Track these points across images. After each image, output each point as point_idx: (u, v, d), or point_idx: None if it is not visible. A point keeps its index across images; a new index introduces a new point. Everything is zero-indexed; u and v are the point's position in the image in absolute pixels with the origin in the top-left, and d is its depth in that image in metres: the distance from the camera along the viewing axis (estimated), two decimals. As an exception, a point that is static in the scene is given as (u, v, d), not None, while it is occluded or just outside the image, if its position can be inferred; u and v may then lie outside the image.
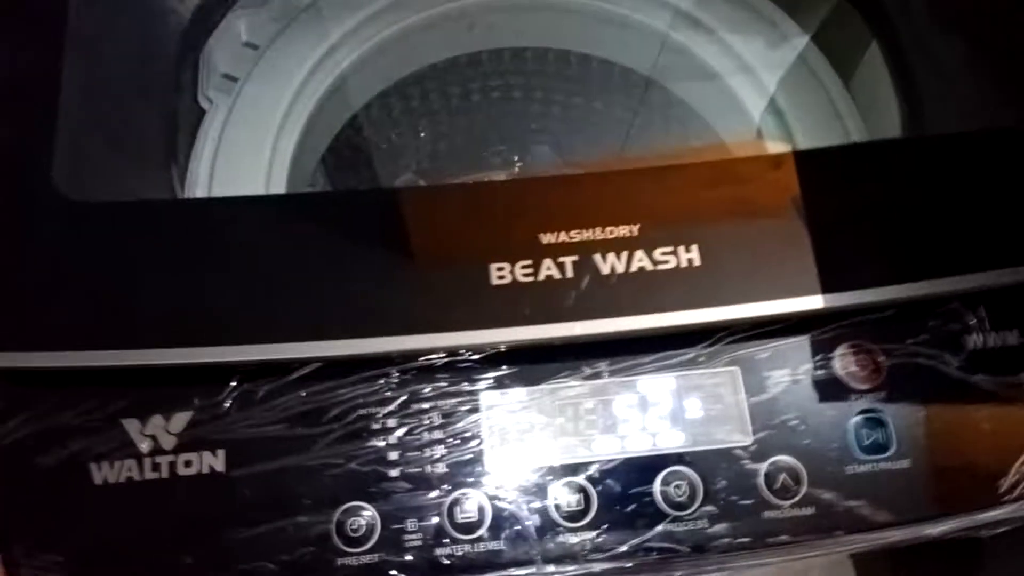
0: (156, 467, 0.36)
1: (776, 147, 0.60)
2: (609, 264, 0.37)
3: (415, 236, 0.38)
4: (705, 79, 0.67)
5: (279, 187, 0.56)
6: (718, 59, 0.66)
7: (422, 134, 0.81)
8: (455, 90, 0.79)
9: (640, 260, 0.37)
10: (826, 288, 0.37)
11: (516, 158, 0.80)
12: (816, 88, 0.63)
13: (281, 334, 0.36)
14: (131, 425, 0.37)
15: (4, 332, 0.36)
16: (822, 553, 0.39)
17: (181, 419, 0.37)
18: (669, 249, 0.37)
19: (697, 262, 0.37)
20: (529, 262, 0.37)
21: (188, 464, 0.36)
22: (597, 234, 0.38)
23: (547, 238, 0.38)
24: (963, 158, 0.41)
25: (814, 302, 0.37)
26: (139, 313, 0.36)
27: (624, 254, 0.37)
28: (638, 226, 0.38)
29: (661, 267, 0.37)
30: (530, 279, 0.37)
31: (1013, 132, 0.42)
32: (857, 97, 0.61)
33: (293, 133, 0.61)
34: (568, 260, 0.37)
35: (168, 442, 0.37)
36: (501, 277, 0.37)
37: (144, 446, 0.36)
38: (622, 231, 0.38)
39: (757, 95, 0.65)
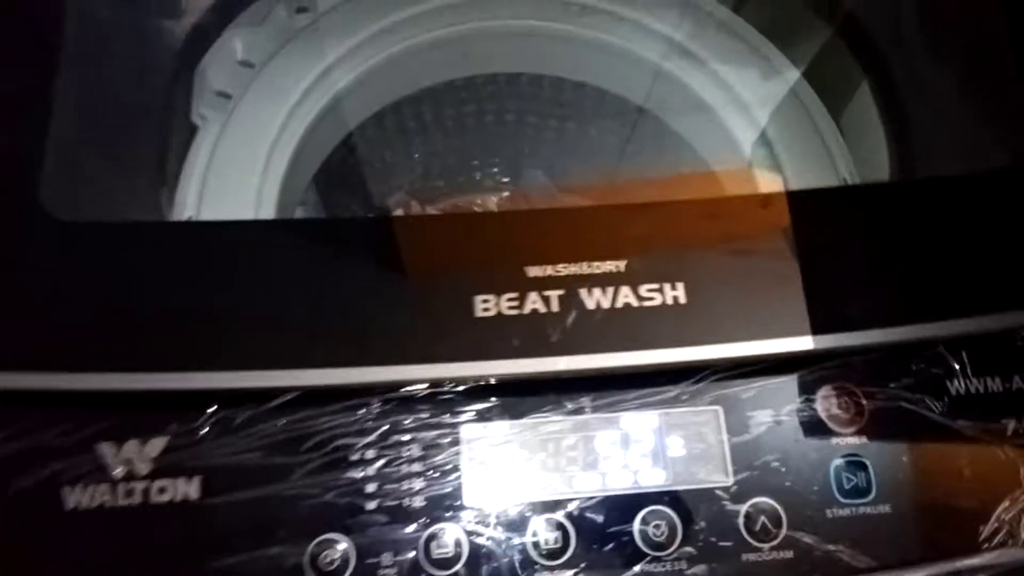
0: (129, 493, 0.36)
1: (765, 179, 0.60)
2: (595, 299, 0.37)
3: (400, 265, 0.38)
4: (697, 111, 0.67)
5: (269, 206, 0.56)
6: (710, 91, 0.67)
7: (415, 155, 0.81)
8: (449, 112, 0.80)
9: (626, 296, 0.37)
10: (811, 330, 0.37)
11: (508, 180, 0.81)
12: (806, 123, 0.63)
13: (262, 362, 0.36)
14: (107, 449, 0.36)
15: (-19, 351, 0.36)
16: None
17: (157, 444, 0.36)
18: (655, 286, 0.37)
19: (683, 300, 0.37)
20: (515, 295, 0.37)
21: (162, 491, 0.36)
22: (584, 268, 0.38)
23: (533, 271, 0.38)
24: (951, 203, 0.41)
25: (799, 343, 0.37)
26: (120, 337, 0.36)
27: (610, 290, 0.37)
28: (625, 262, 0.38)
29: (647, 304, 0.37)
30: (515, 312, 0.37)
31: (1001, 176, 0.42)
32: (847, 132, 0.61)
33: (286, 152, 0.61)
34: (554, 294, 0.37)
35: (143, 467, 0.36)
36: (486, 310, 0.37)
37: (118, 471, 0.36)
38: (609, 266, 0.38)
39: (748, 127, 0.65)
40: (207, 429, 0.37)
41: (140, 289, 0.37)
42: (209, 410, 0.37)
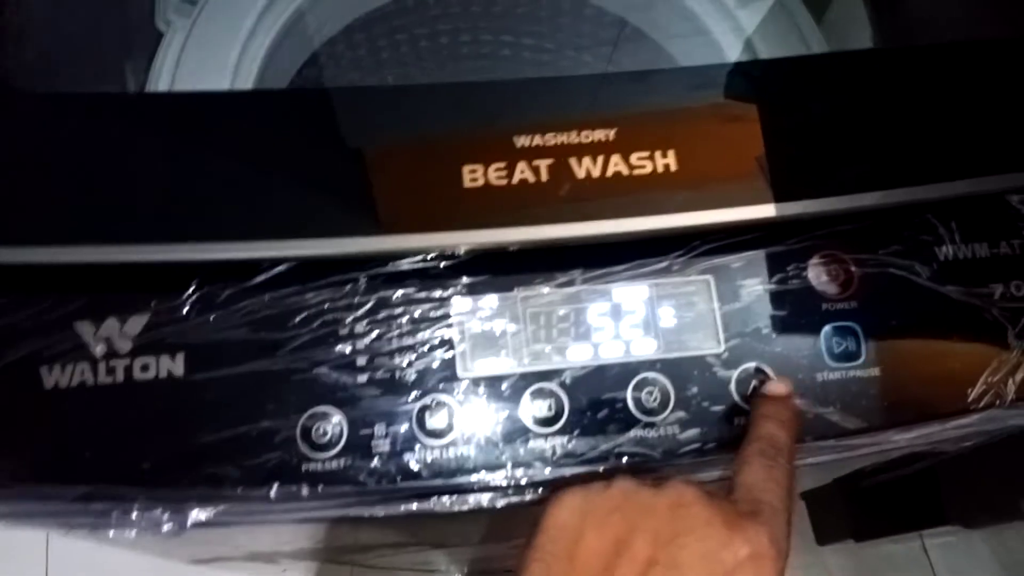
0: (111, 371, 0.35)
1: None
2: (584, 168, 0.36)
3: (387, 136, 0.37)
4: (681, 19, 0.66)
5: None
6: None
7: (388, 77, 0.79)
8: (422, 31, 0.77)
9: (616, 164, 0.37)
10: (801, 195, 0.36)
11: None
12: (791, 30, 0.62)
13: (245, 233, 0.34)
14: (84, 328, 0.35)
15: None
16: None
17: (137, 322, 0.35)
18: (646, 154, 0.37)
19: (674, 167, 0.37)
20: (503, 165, 0.36)
21: (145, 368, 0.35)
22: (573, 138, 0.37)
23: (522, 141, 0.37)
24: (936, 68, 0.41)
25: (790, 208, 0.36)
26: (95, 209, 0.34)
27: (600, 158, 0.37)
28: (614, 130, 0.37)
29: (638, 172, 0.36)
30: (504, 182, 0.36)
31: (985, 44, 0.42)
32: (829, 38, 0.61)
33: (254, 63, 0.59)
34: (543, 164, 0.36)
35: (123, 346, 0.35)
36: (474, 180, 0.36)
37: (98, 349, 0.35)
38: (598, 135, 0.37)
39: (733, 37, 0.64)
40: (189, 306, 0.36)
41: (116, 161, 0.35)
42: (191, 286, 0.36)
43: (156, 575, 0.82)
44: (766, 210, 0.36)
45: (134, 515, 0.34)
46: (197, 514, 0.34)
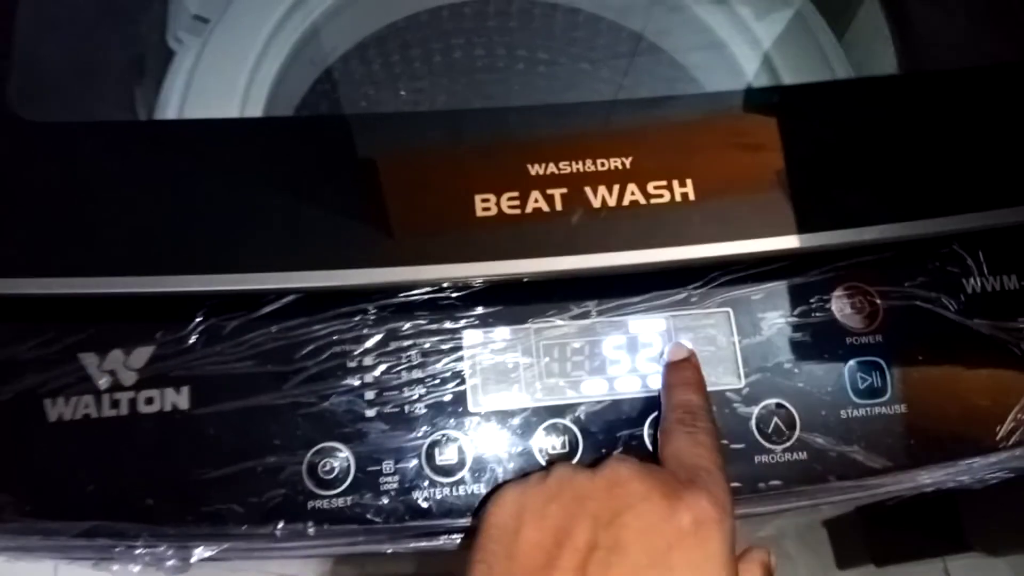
0: (115, 404, 0.34)
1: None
2: (600, 197, 0.35)
3: (397, 164, 0.36)
4: (696, 32, 0.65)
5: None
6: (712, 14, 0.65)
7: (401, 92, 0.79)
8: (436, 46, 0.77)
9: (633, 194, 0.36)
10: (824, 226, 0.35)
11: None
12: (811, 45, 0.61)
13: (252, 264, 0.34)
14: (88, 360, 0.34)
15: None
16: (814, 503, 0.37)
17: (142, 354, 0.35)
18: (663, 183, 0.36)
19: (692, 196, 0.36)
20: (516, 194, 0.35)
21: (150, 401, 0.34)
22: (588, 166, 0.36)
23: (535, 169, 0.36)
24: (963, 96, 0.40)
25: (812, 239, 0.35)
26: (100, 240, 0.34)
27: (616, 187, 0.36)
28: (631, 159, 0.36)
29: (655, 201, 0.35)
30: (517, 212, 0.35)
31: (1012, 68, 0.40)
32: (850, 54, 0.59)
33: (266, 81, 0.58)
34: (557, 192, 0.35)
35: (128, 378, 0.34)
36: (486, 209, 0.35)
37: (102, 382, 0.34)
38: (614, 163, 0.36)
39: (751, 52, 0.63)
40: (195, 338, 0.35)
41: (120, 190, 0.35)
42: (196, 318, 0.35)
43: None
44: (787, 241, 0.35)
45: (138, 551, 0.34)
46: (201, 551, 0.34)
